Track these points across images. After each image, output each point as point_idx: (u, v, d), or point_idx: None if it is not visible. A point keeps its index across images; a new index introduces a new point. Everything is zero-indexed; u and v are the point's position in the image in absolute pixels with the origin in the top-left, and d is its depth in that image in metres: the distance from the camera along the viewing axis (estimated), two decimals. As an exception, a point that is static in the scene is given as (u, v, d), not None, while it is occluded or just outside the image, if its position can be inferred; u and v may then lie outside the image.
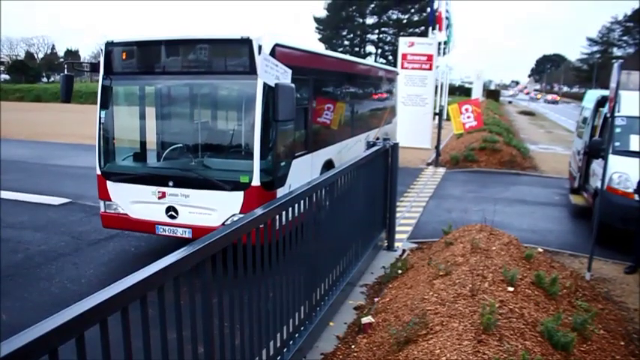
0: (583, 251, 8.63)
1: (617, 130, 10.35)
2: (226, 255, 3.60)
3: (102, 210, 8.22)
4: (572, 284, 7.02)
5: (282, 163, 7.96)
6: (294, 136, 8.51)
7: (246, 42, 7.22)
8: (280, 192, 7.54)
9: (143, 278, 2.63)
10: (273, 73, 7.06)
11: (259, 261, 4.15)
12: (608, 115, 8.54)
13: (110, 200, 8.07)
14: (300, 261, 5.17)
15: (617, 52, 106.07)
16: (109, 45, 7.94)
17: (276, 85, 7.01)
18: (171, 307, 2.97)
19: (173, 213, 7.70)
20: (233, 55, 7.59)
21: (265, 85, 7.14)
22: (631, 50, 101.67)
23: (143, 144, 8.57)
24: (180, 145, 8.49)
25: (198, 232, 7.11)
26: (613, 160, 9.56)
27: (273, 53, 7.38)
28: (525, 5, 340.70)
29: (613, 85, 8.01)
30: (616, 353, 5.51)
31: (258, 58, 7.03)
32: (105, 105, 8.11)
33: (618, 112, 10.44)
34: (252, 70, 7.17)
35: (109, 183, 8.04)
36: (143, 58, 8.01)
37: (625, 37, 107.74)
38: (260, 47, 7.15)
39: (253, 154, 7.27)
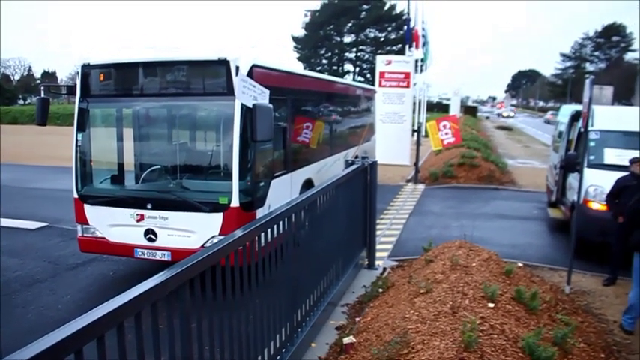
0: (562, 265, 8.72)
1: (592, 144, 10.51)
2: (205, 278, 3.56)
3: (79, 234, 8.12)
4: (552, 298, 7.07)
5: (261, 184, 7.94)
6: (272, 156, 8.51)
7: (224, 63, 7.23)
8: (260, 212, 7.51)
9: (119, 305, 2.60)
10: (250, 93, 7.06)
11: (239, 283, 4.12)
12: (582, 129, 8.67)
13: (88, 224, 7.98)
14: (281, 282, 5.14)
15: (589, 67, 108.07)
16: (86, 67, 7.89)
17: (253, 105, 7.01)
18: (149, 332, 2.93)
19: (152, 236, 7.63)
20: (210, 75, 7.59)
21: (243, 105, 7.14)
22: (602, 65, 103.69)
23: (121, 166, 8.50)
24: (159, 167, 8.43)
25: (178, 254, 7.05)
26: (588, 173, 9.70)
27: (250, 74, 7.40)
28: (500, 23, 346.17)
29: (586, 100, 8.15)
30: (596, 366, 5.56)
31: (236, 79, 7.03)
32: (82, 127, 8.04)
33: (592, 126, 10.60)
34: (229, 91, 7.17)
35: (86, 206, 7.95)
36: (120, 80, 7.98)
37: (596, 53, 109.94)
38: (237, 68, 7.16)
39: (232, 175, 7.25)
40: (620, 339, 6.67)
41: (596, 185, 9.60)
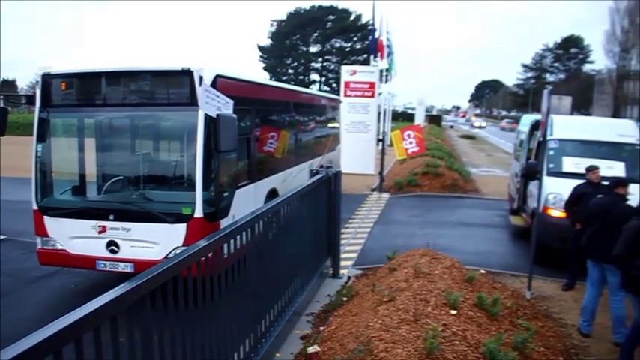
0: (523, 271, 8.86)
1: (551, 152, 10.76)
2: (166, 290, 3.54)
3: (39, 246, 7.96)
4: (514, 304, 7.20)
5: (225, 194, 7.92)
6: (236, 166, 8.50)
7: (187, 73, 7.20)
8: (224, 223, 7.48)
9: (77, 319, 2.57)
10: (214, 103, 7.06)
11: (201, 295, 4.09)
12: (541, 138, 8.88)
13: (47, 236, 7.83)
14: (244, 293, 5.12)
15: (549, 77, 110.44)
16: (46, 76, 7.78)
17: (217, 115, 7.00)
18: (109, 347, 2.90)
19: (114, 247, 7.53)
20: (174, 86, 7.55)
21: (207, 116, 7.12)
22: (562, 76, 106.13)
23: (82, 177, 8.38)
24: (121, 177, 8.33)
25: (141, 266, 6.95)
26: (548, 181, 9.91)
27: (214, 84, 7.39)
28: (464, 34, 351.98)
29: (544, 109, 8.35)
30: (555, 369, 5.68)
31: (199, 89, 7.01)
32: (42, 138, 7.92)
33: (551, 135, 10.86)
34: (193, 101, 7.14)
35: (46, 218, 7.81)
36: (82, 90, 7.89)
37: (556, 64, 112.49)
38: (201, 78, 7.14)
39: (195, 186, 7.22)
40: (577, 342, 6.84)
41: (556, 193, 9.82)
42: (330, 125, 16.86)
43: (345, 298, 7.46)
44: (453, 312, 5.86)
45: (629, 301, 6.03)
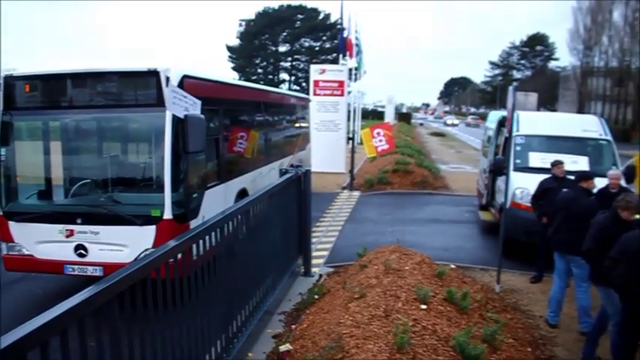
0: (493, 265, 8.97)
1: (518, 148, 10.92)
2: (135, 292, 3.52)
3: (4, 252, 7.81)
4: (483, 297, 7.32)
5: (195, 195, 7.87)
6: (205, 167, 8.46)
7: (154, 74, 7.14)
8: (194, 224, 7.43)
9: (43, 324, 2.55)
10: (182, 104, 7.02)
11: (171, 296, 4.08)
12: (507, 134, 9.02)
13: (13, 241, 7.69)
14: (215, 294, 5.12)
15: (516, 74, 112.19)
16: (9, 79, 7.64)
17: (185, 116, 6.96)
18: (77, 351, 2.88)
19: (82, 251, 7.44)
20: (141, 87, 7.48)
21: (174, 116, 7.07)
22: (528, 73, 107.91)
23: (48, 181, 8.24)
24: (89, 180, 8.21)
25: (110, 269, 6.80)
26: (514, 176, 10.07)
27: (181, 84, 7.34)
28: (433, 32, 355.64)
29: (509, 106, 8.49)
30: (524, 359, 5.78)
31: (166, 90, 6.97)
32: (5, 142, 7.77)
33: (517, 131, 11.03)
34: (160, 102, 7.09)
35: (11, 223, 7.67)
36: (46, 92, 7.76)
37: (523, 61, 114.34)
38: (168, 79, 7.09)
39: (164, 187, 7.16)
40: (545, 332, 6.99)
41: (523, 187, 9.97)
42: (299, 124, 16.86)
43: (316, 296, 7.49)
44: (424, 307, 5.94)
45: (597, 292, 6.17)
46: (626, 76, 63.91)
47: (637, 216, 5.87)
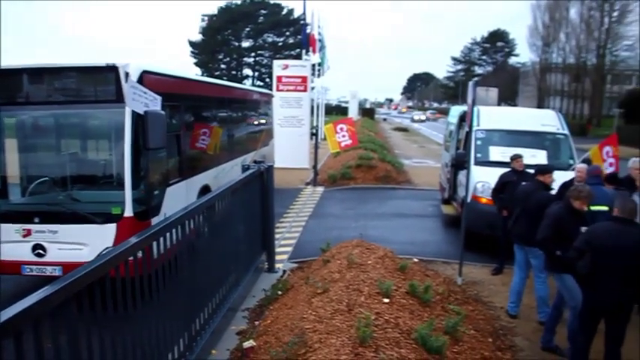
0: (455, 258, 9.09)
1: (478, 142, 11.07)
2: (94, 291, 3.46)
3: None
4: (445, 290, 7.43)
5: (156, 192, 7.78)
6: (167, 164, 8.37)
7: (112, 69, 7.04)
8: (155, 221, 7.35)
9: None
10: (141, 100, 6.92)
11: (131, 295, 4.02)
12: (468, 128, 9.14)
13: None
14: (177, 292, 5.07)
15: (478, 70, 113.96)
16: None
17: (145, 112, 6.87)
18: (32, 353, 2.82)
19: (40, 251, 7.27)
20: (100, 83, 7.36)
21: (134, 113, 6.98)
22: (490, 68, 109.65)
23: (4, 179, 8.03)
24: (47, 178, 8.03)
25: (70, 269, 6.69)
26: (475, 170, 10.21)
27: (141, 80, 7.24)
28: (397, 28, 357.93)
29: (469, 101, 8.60)
30: (485, 350, 5.92)
31: (125, 86, 6.86)
32: None
33: (478, 125, 11.19)
34: (119, 99, 6.98)
35: None
36: (3, 88, 7.56)
37: (484, 57, 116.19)
38: (127, 74, 6.98)
39: (124, 184, 7.06)
40: (506, 323, 7.13)
41: (484, 181, 10.12)
42: (262, 120, 16.80)
43: (280, 292, 7.48)
44: (386, 300, 5.99)
45: (553, 281, 6.33)
46: (583, 72, 65.54)
47: (594, 208, 6.04)
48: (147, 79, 7.44)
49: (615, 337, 5.28)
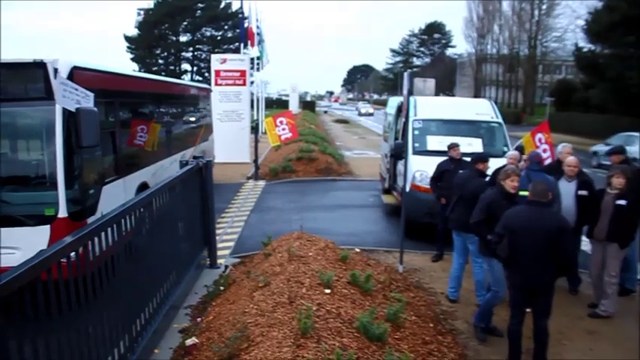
0: (396, 246, 9.20)
1: (416, 132, 11.27)
2: (24, 296, 3.36)
3: None
4: (387, 278, 7.56)
5: (91, 191, 7.59)
6: (102, 162, 8.16)
7: (41, 65, 6.83)
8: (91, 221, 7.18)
9: None
10: (72, 97, 6.70)
11: (66, 298, 3.90)
12: (404, 119, 9.29)
13: None
14: (116, 293, 4.95)
15: (416, 61, 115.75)
16: None
17: (77, 110, 6.67)
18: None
19: None
20: (28, 80, 7.11)
21: (65, 110, 6.77)
22: (428, 60, 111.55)
23: None
24: None
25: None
26: (413, 160, 10.40)
27: (71, 76, 7.03)
28: (336, 21, 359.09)
29: (405, 91, 8.73)
30: (426, 335, 6.06)
31: (55, 82, 6.64)
32: None
33: (415, 115, 11.38)
34: (49, 96, 6.77)
35: None
36: None
37: (422, 49, 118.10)
38: (56, 70, 6.78)
39: (57, 184, 6.86)
40: (446, 308, 7.32)
41: (422, 170, 10.32)
42: (201, 115, 16.61)
43: (222, 288, 7.44)
44: (327, 291, 6.04)
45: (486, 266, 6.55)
46: (516, 63, 67.70)
47: (523, 193, 6.24)
48: (78, 75, 7.24)
49: (542, 313, 5.56)
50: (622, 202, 6.78)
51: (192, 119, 15.53)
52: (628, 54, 34.34)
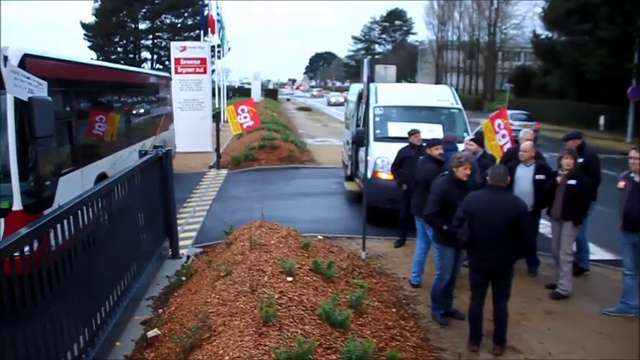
0: (359, 233, 9.26)
1: (377, 119, 11.29)
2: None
3: None
4: (349, 265, 7.59)
5: (47, 183, 7.41)
6: (58, 152, 7.98)
7: None
8: (48, 213, 7.02)
9: None
10: (24, 86, 6.52)
11: (19, 293, 3.77)
12: (365, 105, 9.30)
13: None
14: (73, 286, 4.85)
15: (378, 48, 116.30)
16: None
17: (30, 99, 6.49)
18: None
19: None
20: None
21: (17, 100, 6.58)
22: (389, 47, 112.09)
23: None
24: None
25: None
26: (375, 146, 10.44)
27: (22, 64, 6.83)
28: (297, 8, 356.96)
29: (365, 78, 8.74)
30: (389, 320, 6.12)
31: (5, 71, 6.43)
32: None
33: (376, 102, 11.41)
34: None
35: None
36: None
37: (383, 36, 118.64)
38: (6, 58, 6.56)
39: (11, 176, 6.67)
40: (409, 293, 7.40)
41: (383, 157, 10.36)
42: (161, 104, 16.38)
43: (184, 278, 7.37)
44: (290, 279, 6.04)
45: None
46: (476, 50, 68.50)
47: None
48: (30, 63, 7.04)
49: (501, 294, 5.70)
50: (572, 181, 7.01)
51: (152, 108, 15.31)
52: (583, 41, 35.05)
